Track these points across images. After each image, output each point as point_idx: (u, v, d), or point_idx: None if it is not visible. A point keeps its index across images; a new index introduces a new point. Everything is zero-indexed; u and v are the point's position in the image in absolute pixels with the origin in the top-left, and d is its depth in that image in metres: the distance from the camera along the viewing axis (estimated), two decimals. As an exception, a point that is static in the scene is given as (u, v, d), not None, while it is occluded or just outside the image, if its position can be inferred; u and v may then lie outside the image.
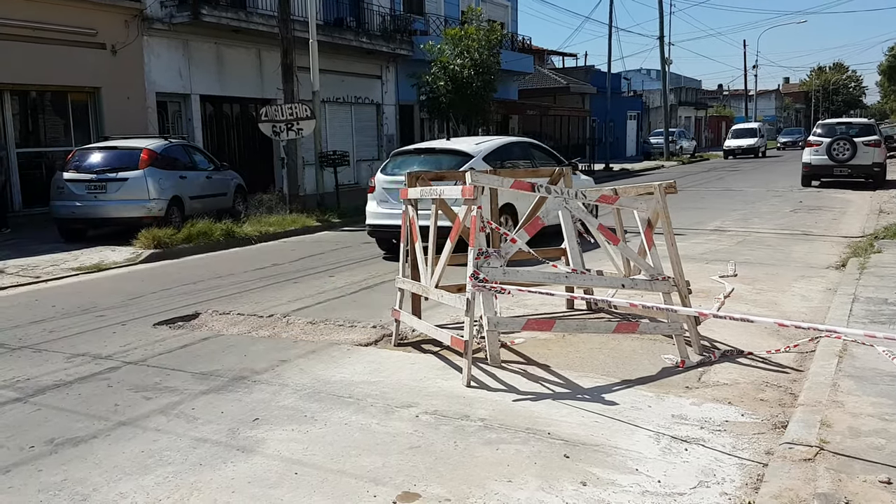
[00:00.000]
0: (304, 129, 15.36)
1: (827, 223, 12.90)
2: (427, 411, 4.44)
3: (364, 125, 25.39)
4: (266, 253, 11.52)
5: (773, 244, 10.66)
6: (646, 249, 5.50)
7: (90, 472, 3.75)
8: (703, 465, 3.65)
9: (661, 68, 39.75)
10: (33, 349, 6.12)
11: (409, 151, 11.42)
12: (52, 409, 4.68)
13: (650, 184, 5.72)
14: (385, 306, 6.85)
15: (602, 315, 6.65)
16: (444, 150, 11.04)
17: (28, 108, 16.25)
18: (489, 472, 3.61)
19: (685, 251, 8.78)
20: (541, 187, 5.22)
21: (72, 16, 15.77)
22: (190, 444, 4.07)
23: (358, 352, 5.80)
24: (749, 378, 4.93)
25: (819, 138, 20.07)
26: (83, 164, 12.39)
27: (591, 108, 41.92)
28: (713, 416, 4.27)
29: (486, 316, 4.93)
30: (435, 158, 10.82)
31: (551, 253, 6.83)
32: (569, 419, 4.24)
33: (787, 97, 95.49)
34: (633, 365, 5.24)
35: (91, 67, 16.25)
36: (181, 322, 6.96)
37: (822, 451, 3.57)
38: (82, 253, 11.22)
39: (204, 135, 19.25)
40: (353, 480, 3.57)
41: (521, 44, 34.83)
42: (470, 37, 22.19)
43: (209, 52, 19.17)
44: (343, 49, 22.52)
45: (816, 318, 6.33)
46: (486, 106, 23.74)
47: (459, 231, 5.29)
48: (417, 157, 10.87)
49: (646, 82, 60.77)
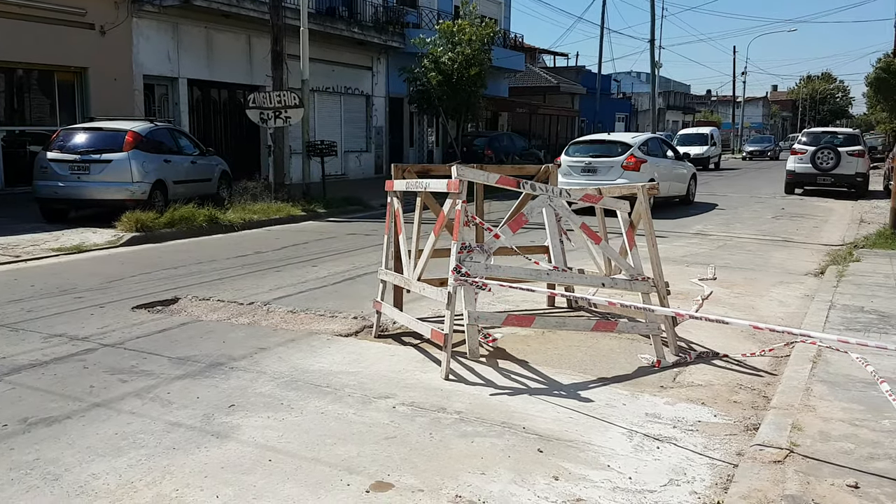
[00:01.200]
0: (291, 118, 15.30)
1: (808, 231, 13.03)
2: (404, 403, 4.45)
3: (353, 116, 25.32)
4: (249, 240, 11.47)
5: (753, 249, 10.76)
6: (627, 249, 5.54)
7: (63, 453, 3.73)
8: (674, 463, 3.69)
9: (650, 71, 39.93)
10: (10, 328, 6.07)
11: (585, 141, 16.72)
12: (27, 389, 4.65)
13: (633, 185, 5.75)
14: (367, 297, 6.85)
15: (582, 313, 6.69)
16: (611, 140, 16.01)
17: (14, 87, 16.07)
18: (463, 464, 3.63)
19: (666, 253, 8.84)
20: (526, 184, 5.24)
21: (61, -6, 15.61)
22: (164, 427, 4.06)
23: (338, 342, 5.80)
24: (723, 380, 4.98)
25: (804, 146, 20.24)
26: (67, 144, 12.26)
27: (580, 109, 42.09)
28: (686, 415, 4.32)
29: (467, 310, 4.95)
30: (605, 147, 15.72)
31: (534, 250, 6.85)
32: (544, 414, 4.27)
33: (775, 105, 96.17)
34: (609, 363, 5.28)
35: (79, 47, 16.10)
36: (160, 306, 6.93)
37: (792, 453, 3.62)
38: (63, 234, 11.13)
39: (190, 119, 19.12)
40: (328, 469, 3.58)
41: (513, 41, 34.86)
42: (462, 31, 22.17)
43: (199, 37, 19.04)
44: (334, 39, 22.44)
45: (793, 323, 6.40)
46: (475, 101, 23.75)
47: (444, 224, 5.30)
48: (591, 146, 16.03)
49: (635, 85, 61.01)
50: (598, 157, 15.52)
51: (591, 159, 15.51)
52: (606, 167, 15.14)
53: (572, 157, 15.77)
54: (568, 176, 15.13)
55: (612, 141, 15.93)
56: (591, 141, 16.58)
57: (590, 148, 15.91)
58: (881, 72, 35.13)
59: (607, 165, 15.16)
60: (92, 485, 3.40)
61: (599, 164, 15.32)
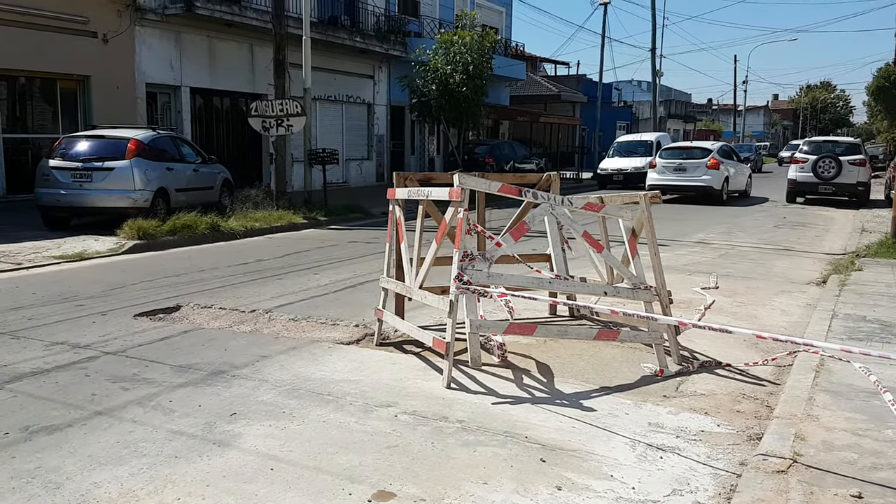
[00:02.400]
0: (293, 126, 15.33)
1: (810, 240, 13.02)
2: (406, 411, 4.44)
3: (354, 124, 25.37)
4: (251, 248, 11.48)
5: (755, 258, 10.75)
6: (629, 258, 5.54)
7: (64, 461, 3.72)
8: (677, 473, 3.68)
9: (651, 80, 40.00)
10: (12, 336, 6.07)
11: (674, 147, 22.07)
12: (29, 397, 4.64)
13: (635, 193, 5.76)
14: (368, 305, 6.85)
15: (584, 322, 6.68)
16: (695, 147, 21.45)
17: (16, 94, 16.11)
18: (465, 473, 3.62)
19: (668, 262, 8.84)
20: (527, 192, 5.24)
21: (64, 3, 15.67)
22: (166, 436, 4.06)
23: (339, 350, 5.79)
24: (726, 389, 4.97)
25: (805, 155, 20.26)
26: (69, 152, 12.28)
27: (581, 117, 42.15)
28: (689, 425, 4.31)
29: (469, 318, 4.95)
30: (691, 151, 20.84)
31: (536, 258, 6.85)
32: (546, 424, 4.26)
33: (776, 113, 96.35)
34: (612, 372, 5.27)
35: (82, 55, 16.15)
36: (162, 314, 6.93)
37: (795, 463, 3.61)
38: (65, 241, 11.14)
39: (193, 127, 19.16)
40: (329, 478, 3.57)
41: (514, 50, 34.94)
42: (462, 41, 22.22)
43: (201, 45, 19.10)
44: (336, 47, 22.50)
45: (795, 332, 6.39)
46: (476, 110, 23.79)
47: (445, 232, 5.30)
48: (680, 151, 21.17)
49: (636, 93, 61.14)
50: (686, 159, 20.28)
51: (682, 161, 20.28)
52: (694, 167, 19.90)
53: (666, 159, 20.63)
54: (662, 174, 20.20)
55: (697, 147, 21.48)
56: (680, 147, 22.16)
57: (679, 153, 21.07)
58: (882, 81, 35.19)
59: (694, 165, 19.91)
60: (93, 493, 3.39)
61: (688, 164, 20.08)
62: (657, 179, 20.06)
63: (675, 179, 19.96)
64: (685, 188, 19.96)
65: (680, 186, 20.03)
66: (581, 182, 29.38)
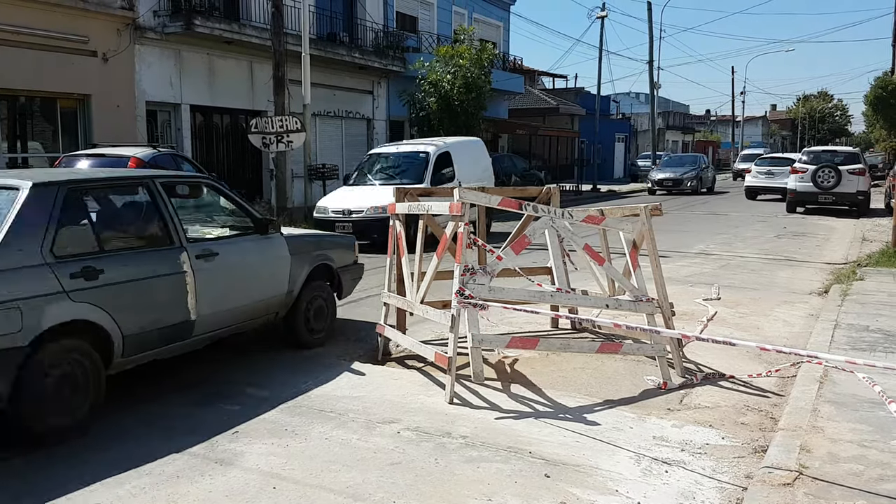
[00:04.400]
0: (293, 142, 15.36)
1: (810, 249, 13.01)
2: (409, 427, 4.42)
3: (354, 139, 25.41)
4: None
5: (756, 269, 10.74)
6: (630, 270, 5.53)
7: (67, 480, 3.69)
8: (682, 487, 3.65)
9: (649, 92, 40.13)
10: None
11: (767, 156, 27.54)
12: (29, 417, 4.61)
13: (636, 205, 5.76)
14: (370, 320, 6.82)
15: (586, 335, 6.66)
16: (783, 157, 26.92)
17: (16, 113, 16.15)
18: (469, 490, 3.60)
19: (669, 273, 8.82)
20: (528, 206, 5.24)
21: (63, 22, 15.73)
22: (168, 455, 4.03)
23: (341, 366, 5.77)
24: (730, 401, 4.95)
25: (804, 165, 20.28)
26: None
27: (579, 130, 42.24)
28: (694, 438, 4.28)
29: (471, 333, 4.93)
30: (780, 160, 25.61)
31: (537, 272, 6.84)
32: (550, 438, 4.23)
33: (774, 124, 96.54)
34: (615, 385, 5.25)
35: (82, 74, 16.20)
36: (163, 332, 6.89)
37: (801, 475, 3.59)
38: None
39: (193, 145, 19.18)
40: (333, 496, 3.55)
41: (513, 64, 35.09)
42: (461, 55, 22.32)
43: (201, 63, 19.16)
44: (335, 63, 22.58)
45: (798, 343, 6.37)
46: (475, 124, 23.85)
47: (446, 247, 5.29)
48: (772, 159, 26.51)
49: (634, 105, 61.35)
50: (775, 165, 24.94)
51: (771, 167, 25.04)
52: (781, 172, 23.36)
53: (760, 166, 25.57)
54: (756, 178, 25.17)
55: (784, 157, 26.35)
56: (772, 157, 27.95)
57: (771, 161, 26.27)
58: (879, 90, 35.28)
59: (781, 171, 23.39)
60: (95, 514, 3.37)
61: (777, 170, 24.29)
62: (753, 182, 25.22)
63: (765, 182, 24.79)
64: (773, 189, 24.08)
65: (769, 188, 24.52)
66: (581, 194, 29.43)
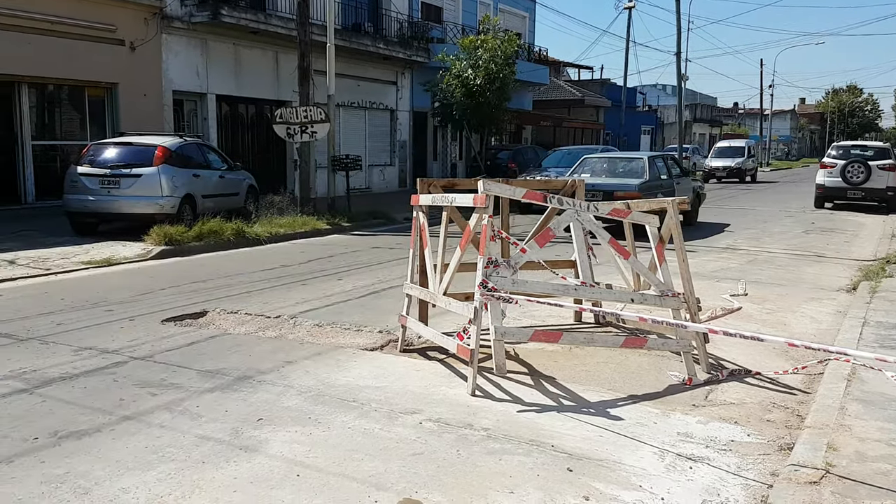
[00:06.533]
0: (317, 133, 15.41)
1: (839, 245, 12.83)
2: (431, 418, 4.43)
3: (377, 130, 25.47)
4: (275, 254, 11.54)
5: (783, 264, 10.61)
6: (657, 265, 5.49)
7: (93, 466, 3.75)
8: (707, 483, 3.62)
9: (677, 84, 39.73)
10: (41, 341, 6.14)
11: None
12: (58, 402, 4.69)
13: (662, 199, 5.70)
14: (392, 311, 6.85)
15: (610, 329, 6.62)
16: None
17: (45, 101, 16.38)
18: (491, 482, 3.59)
19: (696, 268, 8.72)
20: (553, 198, 5.21)
21: (92, 11, 15.91)
22: (193, 441, 4.08)
23: (363, 356, 5.79)
24: (756, 398, 4.90)
25: (833, 160, 20.02)
26: (97, 158, 12.44)
27: (605, 122, 41.96)
28: (719, 434, 4.24)
29: (493, 325, 4.92)
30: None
31: (561, 264, 6.81)
32: (573, 432, 4.22)
33: (803, 118, 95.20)
34: (639, 380, 5.22)
35: (109, 63, 16.37)
36: (189, 319, 6.98)
37: (827, 474, 3.54)
38: (93, 247, 11.27)
39: (219, 134, 19.34)
40: (355, 485, 3.56)
41: (538, 55, 34.90)
42: (485, 46, 22.21)
43: (227, 52, 19.29)
44: (360, 54, 22.61)
45: (825, 340, 6.29)
46: (499, 115, 23.77)
47: (470, 239, 5.28)
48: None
49: (661, 97, 60.73)
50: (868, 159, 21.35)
51: None
52: None
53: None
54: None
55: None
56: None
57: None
58: (911, 84, 34.58)
59: None
60: (122, 499, 3.42)
61: None
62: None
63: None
64: None
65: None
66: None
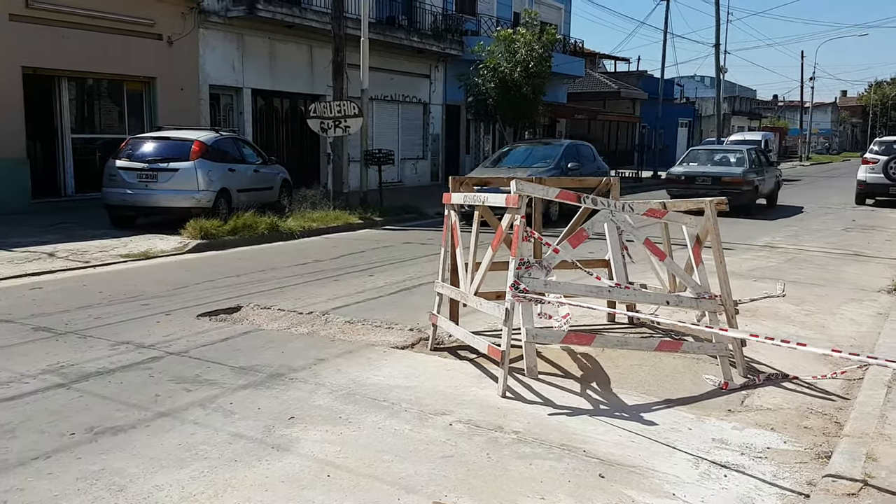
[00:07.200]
0: (351, 127, 15.45)
1: (880, 244, 12.52)
2: (461, 420, 4.41)
3: (410, 124, 25.46)
4: (308, 248, 11.62)
5: (823, 263, 10.39)
6: (693, 266, 5.40)
7: (128, 463, 3.81)
8: (741, 492, 3.56)
9: (715, 76, 39.07)
10: (78, 335, 6.25)
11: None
12: (94, 397, 4.77)
13: (700, 199, 5.60)
14: (423, 309, 6.84)
15: (644, 331, 6.54)
16: None
17: (84, 95, 16.65)
18: (521, 487, 3.57)
19: (732, 267, 8.58)
20: (587, 198, 5.15)
21: (130, 6, 16.12)
22: (226, 439, 4.11)
23: (394, 354, 5.80)
24: (793, 404, 4.80)
25: (876, 156, 19.55)
26: (135, 152, 12.63)
27: (641, 114, 41.42)
28: (755, 441, 4.17)
29: (525, 327, 4.88)
30: None
31: (594, 264, 6.74)
32: (605, 437, 4.17)
33: (844, 111, 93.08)
34: (673, 384, 5.14)
35: (147, 57, 16.59)
36: (223, 314, 7.05)
37: (866, 486, 3.46)
38: (131, 240, 11.46)
39: (254, 128, 19.51)
40: (385, 486, 3.56)
41: (573, 47, 34.55)
42: (521, 40, 22.03)
43: (262, 47, 19.42)
44: (393, 47, 22.61)
45: (866, 343, 6.15)
46: (534, 109, 23.58)
47: (502, 239, 5.25)
48: None
49: (699, 90, 59.75)
50: None
51: None
52: None
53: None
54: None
55: None
56: None
57: None
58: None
59: None
60: (155, 497, 3.46)
61: None
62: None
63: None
64: None
65: None
66: (641, 181, 28.88)
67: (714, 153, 19.03)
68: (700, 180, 17.54)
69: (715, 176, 17.32)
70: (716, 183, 17.03)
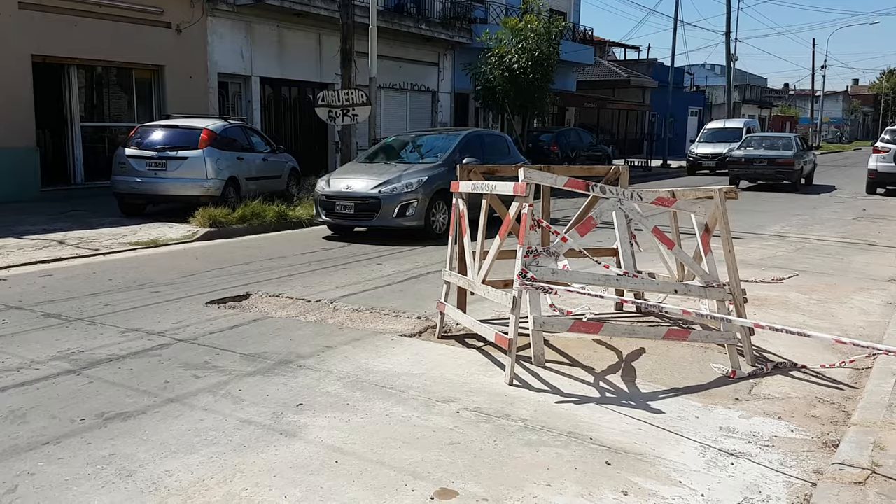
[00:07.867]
0: (359, 115, 15.44)
1: (891, 233, 12.44)
2: (468, 408, 4.43)
3: (418, 112, 25.43)
4: (316, 237, 11.64)
5: (833, 252, 10.34)
6: (702, 255, 5.38)
7: (137, 448, 3.84)
8: (749, 480, 3.56)
9: (726, 64, 38.81)
10: (89, 322, 6.30)
11: None
12: (104, 383, 4.81)
13: (709, 187, 5.58)
14: (430, 297, 6.85)
15: (652, 319, 6.53)
16: None
17: (93, 83, 16.70)
18: (528, 474, 3.58)
19: (742, 256, 8.56)
20: (595, 187, 5.14)
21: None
22: (235, 425, 4.14)
23: (401, 342, 5.81)
24: (801, 392, 4.79)
25: (887, 145, 19.39)
26: (145, 141, 12.68)
27: (651, 103, 41.22)
28: (762, 430, 4.16)
29: (533, 315, 4.89)
30: None
31: (602, 252, 6.73)
32: (612, 425, 4.18)
33: (856, 99, 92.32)
34: (681, 372, 5.14)
35: (156, 46, 16.61)
36: (232, 302, 7.09)
37: (873, 474, 3.45)
38: (140, 228, 11.51)
39: (262, 116, 19.52)
40: (393, 472, 3.58)
41: (582, 34, 34.36)
42: (529, 28, 21.93)
43: (271, 35, 19.41)
44: (402, 35, 22.56)
45: (875, 333, 6.12)
46: (542, 97, 23.49)
47: (510, 227, 5.24)
48: None
49: (709, 78, 59.39)
50: None
51: None
52: None
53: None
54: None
55: None
56: None
57: None
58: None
59: None
60: (165, 482, 3.49)
61: None
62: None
63: None
64: None
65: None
66: (650, 170, 28.78)
67: (764, 139, 22.95)
68: (758, 161, 20.99)
69: (770, 158, 20.78)
70: (771, 164, 20.73)
